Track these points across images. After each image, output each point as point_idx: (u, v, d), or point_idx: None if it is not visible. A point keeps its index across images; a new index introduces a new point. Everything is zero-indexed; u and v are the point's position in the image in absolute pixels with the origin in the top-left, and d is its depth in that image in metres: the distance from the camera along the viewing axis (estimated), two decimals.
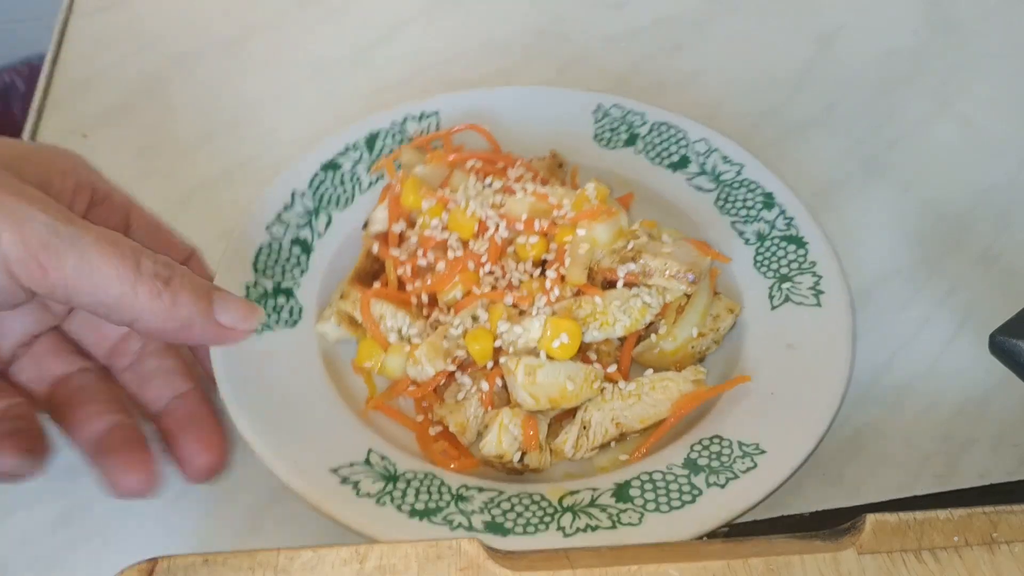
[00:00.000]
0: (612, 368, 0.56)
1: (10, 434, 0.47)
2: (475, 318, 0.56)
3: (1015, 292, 0.64)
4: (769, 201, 0.64)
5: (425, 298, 0.58)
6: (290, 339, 0.57)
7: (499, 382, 0.54)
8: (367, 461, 0.51)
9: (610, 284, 0.57)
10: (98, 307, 0.45)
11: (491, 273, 0.58)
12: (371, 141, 0.66)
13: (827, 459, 0.55)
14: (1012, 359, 0.49)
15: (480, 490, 0.51)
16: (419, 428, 0.55)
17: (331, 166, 0.64)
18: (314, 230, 0.62)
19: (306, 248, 0.61)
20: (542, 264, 0.59)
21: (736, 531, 0.50)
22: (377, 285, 0.59)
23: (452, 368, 0.55)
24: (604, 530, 0.48)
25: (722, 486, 0.50)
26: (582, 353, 0.55)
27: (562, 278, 0.57)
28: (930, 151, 0.74)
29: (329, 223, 0.62)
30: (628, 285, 0.57)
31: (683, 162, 0.67)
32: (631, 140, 0.68)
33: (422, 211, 0.60)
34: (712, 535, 0.49)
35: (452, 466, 0.53)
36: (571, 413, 0.55)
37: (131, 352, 0.54)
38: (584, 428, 0.53)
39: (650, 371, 0.56)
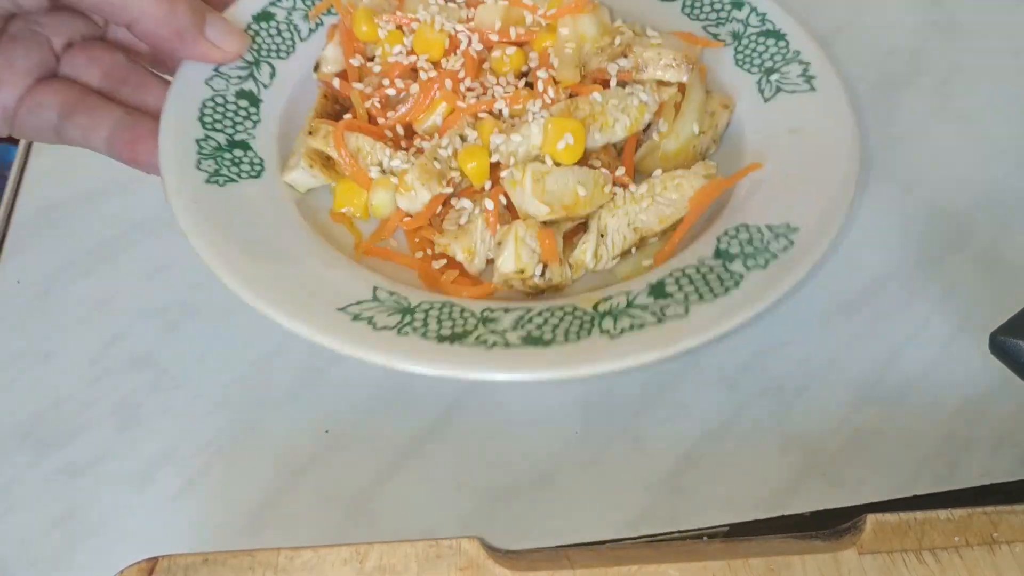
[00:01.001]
0: (620, 172, 0.54)
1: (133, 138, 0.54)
2: (463, 138, 0.53)
3: (1015, 292, 0.63)
4: (738, 1, 0.63)
5: (401, 131, 0.55)
6: (258, 190, 0.53)
7: (503, 200, 0.52)
8: (375, 298, 0.48)
9: (603, 85, 0.55)
10: (103, 5, 0.50)
11: (472, 90, 0.55)
12: None
13: (827, 459, 0.55)
14: (1012, 359, 0.49)
15: (506, 311, 0.48)
16: (421, 265, 0.52)
17: (264, 16, 0.61)
18: (258, 81, 0.58)
19: (254, 100, 0.57)
20: (523, 76, 0.57)
21: (736, 531, 0.50)
22: (348, 118, 0.55)
23: (449, 191, 0.52)
24: (652, 326, 0.46)
25: (763, 267, 0.49)
26: (584, 162, 0.53)
27: (554, 81, 0.54)
28: (930, 151, 0.73)
29: (273, 74, 0.59)
30: (621, 84, 0.55)
31: None
32: None
33: (380, 40, 0.57)
34: (712, 535, 0.49)
35: (466, 294, 0.50)
36: (583, 227, 0.53)
37: None
38: (601, 236, 0.51)
39: (659, 171, 0.54)
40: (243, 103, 0.57)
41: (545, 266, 0.50)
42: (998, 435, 0.57)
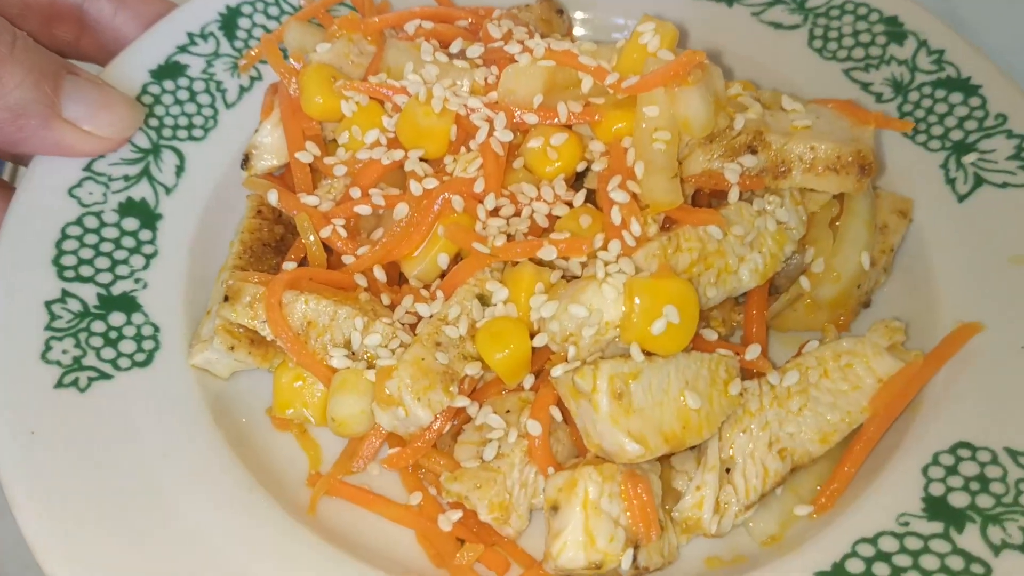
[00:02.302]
0: (754, 353, 0.34)
1: None
2: (483, 298, 0.35)
3: None
4: (896, 29, 0.44)
5: (381, 275, 0.36)
6: (144, 389, 0.36)
7: (556, 414, 0.33)
8: None
9: (715, 198, 0.35)
10: None
11: (496, 211, 0.36)
12: (230, 20, 0.44)
13: None
14: None
15: None
16: (423, 524, 0.34)
17: (168, 71, 0.42)
18: (157, 182, 0.39)
19: (148, 217, 0.40)
20: (578, 179, 0.38)
21: None
22: (290, 265, 0.35)
23: (462, 402, 0.34)
24: None
25: (1021, 546, 0.31)
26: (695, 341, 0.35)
27: (634, 199, 0.33)
28: None
29: (181, 167, 0.41)
30: (744, 195, 0.36)
31: None
32: None
33: (343, 118, 0.38)
34: None
35: None
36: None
37: None
38: (727, 472, 0.32)
39: (813, 343, 0.35)
40: (130, 224, 0.39)
41: (637, 547, 0.31)
42: None
